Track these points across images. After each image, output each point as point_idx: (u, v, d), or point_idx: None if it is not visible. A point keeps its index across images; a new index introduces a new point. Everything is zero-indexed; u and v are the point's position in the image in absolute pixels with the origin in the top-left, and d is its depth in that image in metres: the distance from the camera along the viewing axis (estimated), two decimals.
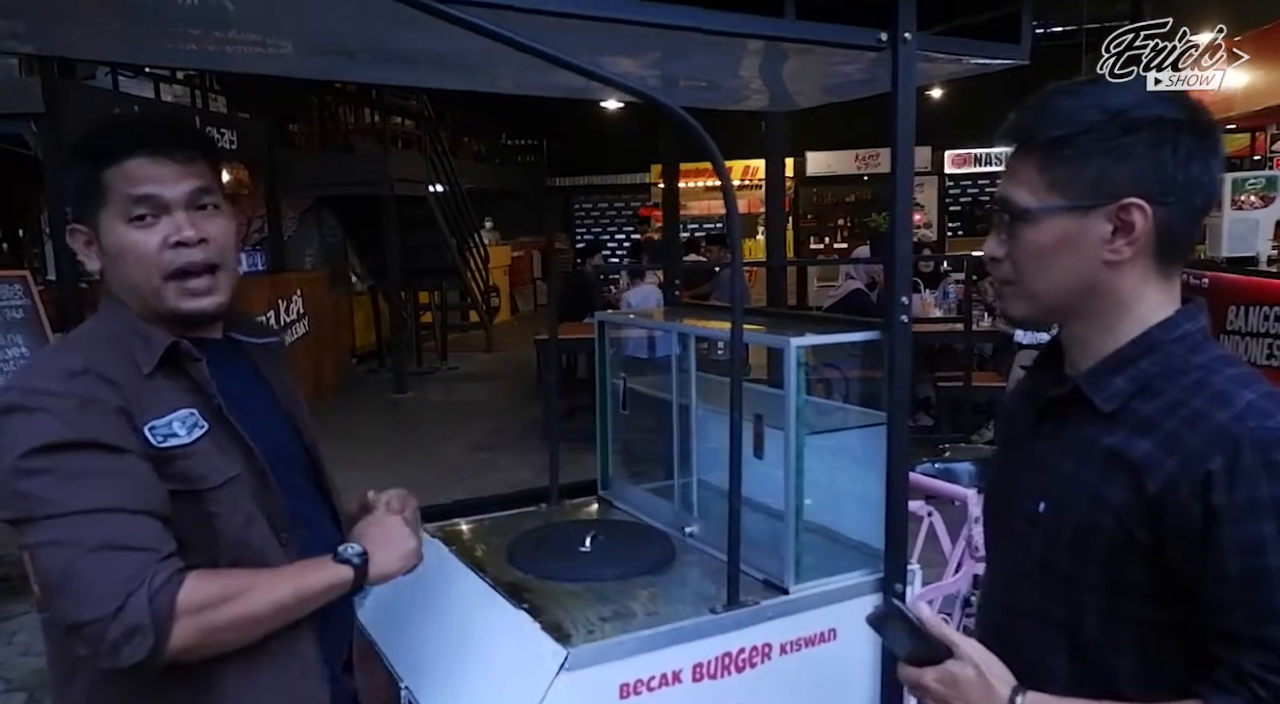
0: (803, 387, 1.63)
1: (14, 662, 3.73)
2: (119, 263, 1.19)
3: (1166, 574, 0.92)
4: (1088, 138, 0.95)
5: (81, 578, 1.02)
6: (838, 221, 16.14)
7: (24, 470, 1.04)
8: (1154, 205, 0.94)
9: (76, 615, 1.02)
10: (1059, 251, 0.98)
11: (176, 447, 1.14)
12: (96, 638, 1.01)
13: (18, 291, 5.19)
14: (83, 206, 1.19)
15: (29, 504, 1.04)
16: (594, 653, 1.41)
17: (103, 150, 1.18)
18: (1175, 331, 0.97)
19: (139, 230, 1.17)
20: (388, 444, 7.29)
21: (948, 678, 1.00)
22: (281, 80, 9.68)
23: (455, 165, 12.63)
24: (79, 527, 1.03)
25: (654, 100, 1.38)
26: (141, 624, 1.02)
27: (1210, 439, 0.89)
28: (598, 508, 2.24)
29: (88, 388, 1.10)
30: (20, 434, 1.06)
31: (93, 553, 1.02)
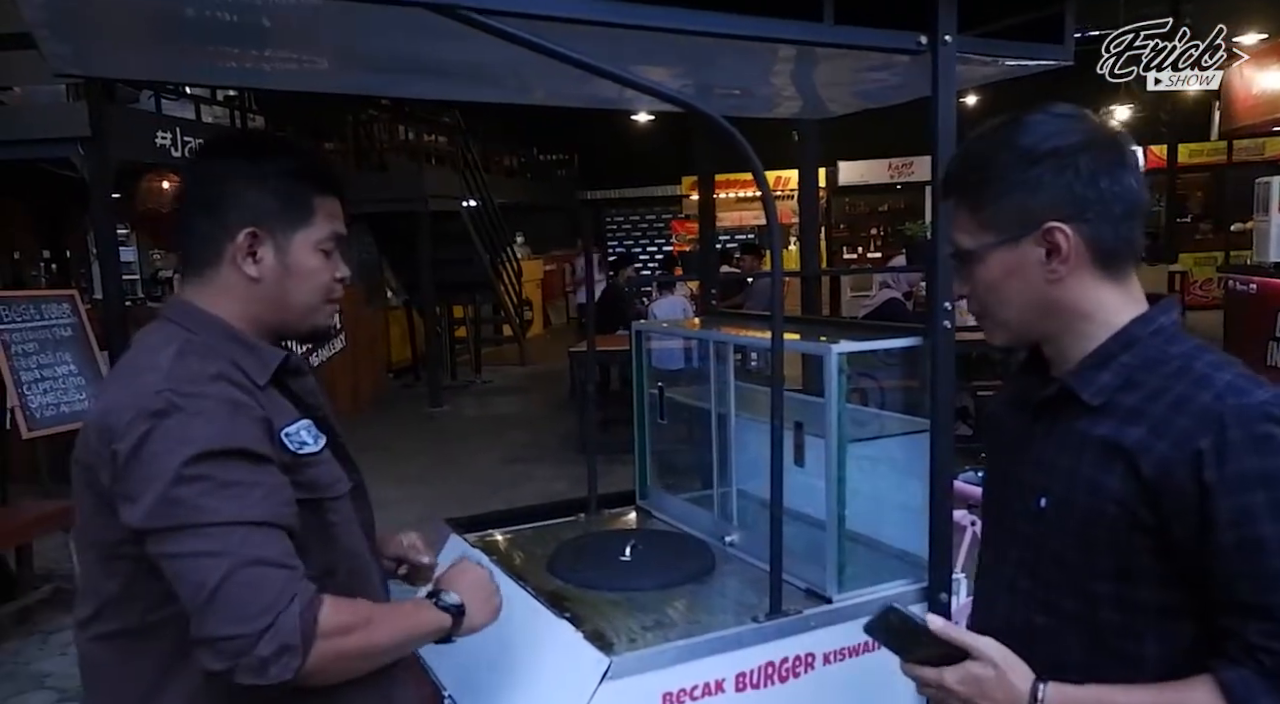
0: (844, 394, 1.61)
1: (67, 672, 3.80)
2: (296, 280, 1.24)
3: (1174, 555, 0.96)
4: (1000, 177, 1.05)
5: (235, 592, 1.01)
6: (871, 231, 16.04)
7: (184, 477, 1.03)
8: (1074, 224, 1.02)
9: (221, 630, 1.00)
10: (1007, 282, 1.07)
11: (310, 454, 1.17)
12: (240, 653, 1.00)
13: (66, 311, 5.33)
14: (277, 219, 1.22)
15: (184, 512, 1.02)
16: (637, 661, 1.40)
17: (323, 179, 1.27)
18: (1151, 326, 1.04)
19: (325, 259, 1.27)
20: (424, 457, 7.35)
21: (970, 679, 1.02)
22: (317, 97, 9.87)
23: (488, 180, 12.76)
24: (233, 538, 1.02)
25: (695, 108, 1.39)
26: (293, 644, 1.02)
27: (1197, 419, 0.94)
28: (636, 518, 2.24)
29: (232, 393, 1.11)
30: (180, 438, 1.04)
31: (247, 567, 1.01)
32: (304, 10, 1.33)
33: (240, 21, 1.34)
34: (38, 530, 4.39)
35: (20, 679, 3.76)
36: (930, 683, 1.06)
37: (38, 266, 9.39)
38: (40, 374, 4.95)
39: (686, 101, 1.44)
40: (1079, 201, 1.02)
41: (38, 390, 4.89)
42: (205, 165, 1.27)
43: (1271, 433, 0.92)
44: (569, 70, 1.25)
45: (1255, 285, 6.44)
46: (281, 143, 1.35)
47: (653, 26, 1.27)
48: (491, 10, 1.15)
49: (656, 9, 1.27)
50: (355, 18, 1.33)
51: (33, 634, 4.21)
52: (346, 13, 1.24)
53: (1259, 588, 0.90)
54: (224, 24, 1.35)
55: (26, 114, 6.54)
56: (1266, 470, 0.91)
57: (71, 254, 10.06)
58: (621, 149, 16.59)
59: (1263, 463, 0.91)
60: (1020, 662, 1.03)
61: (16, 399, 4.76)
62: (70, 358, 5.15)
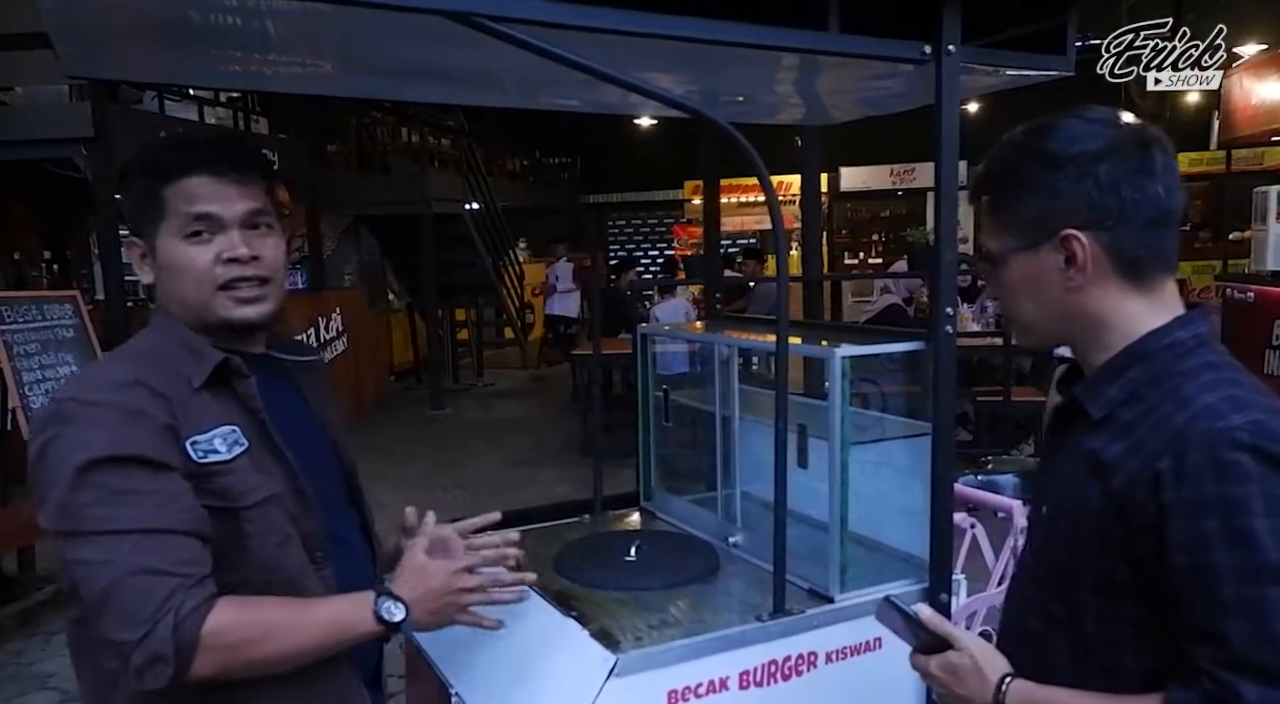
0: (848, 397, 1.63)
1: (70, 673, 3.78)
2: (172, 276, 1.22)
3: (1144, 573, 0.96)
4: (1022, 181, 1.05)
5: (119, 598, 1.04)
6: (872, 237, 16.05)
7: (77, 484, 1.06)
8: (1092, 232, 1.01)
9: (111, 634, 1.05)
10: (1028, 287, 1.07)
11: (216, 463, 1.15)
12: (125, 659, 1.05)
13: (68, 311, 5.34)
14: (141, 221, 1.22)
15: (77, 520, 1.06)
16: (642, 659, 1.42)
17: (165, 167, 1.21)
18: (1165, 339, 1.02)
19: (194, 246, 1.20)
20: (426, 460, 7.36)
21: (948, 666, 1.10)
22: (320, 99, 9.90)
23: (490, 183, 12.79)
24: (121, 547, 1.05)
25: (701, 114, 1.41)
26: (164, 653, 1.03)
27: (1166, 440, 0.93)
28: (640, 519, 2.26)
29: (136, 401, 1.11)
30: (76, 445, 1.08)
31: (132, 576, 1.05)
32: (309, 14, 1.35)
33: (244, 24, 1.36)
34: (39, 532, 4.39)
35: (23, 680, 3.77)
36: (920, 668, 1.14)
37: (39, 267, 9.40)
38: (42, 375, 4.96)
39: (693, 107, 1.46)
40: (1097, 209, 1.01)
41: (40, 391, 4.90)
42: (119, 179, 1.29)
43: (1236, 459, 0.89)
44: (573, 75, 1.27)
45: (1253, 294, 6.46)
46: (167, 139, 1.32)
47: (664, 35, 1.29)
48: (506, 18, 1.18)
49: (668, 18, 1.29)
50: (359, 22, 1.35)
51: (35, 635, 4.22)
52: (350, 16, 1.24)
53: (1208, 615, 0.89)
54: (228, 27, 1.36)
55: (29, 114, 6.57)
56: (1224, 498, 0.88)
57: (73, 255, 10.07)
58: (624, 153, 16.60)
59: (1220, 490, 0.88)
60: (998, 656, 1.09)
61: (18, 400, 4.77)
62: (72, 359, 5.16)
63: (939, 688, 1.12)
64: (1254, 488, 0.87)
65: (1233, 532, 0.87)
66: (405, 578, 1.25)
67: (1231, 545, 0.87)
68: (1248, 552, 0.87)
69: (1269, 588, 0.86)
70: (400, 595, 1.21)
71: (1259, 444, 0.88)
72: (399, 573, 1.27)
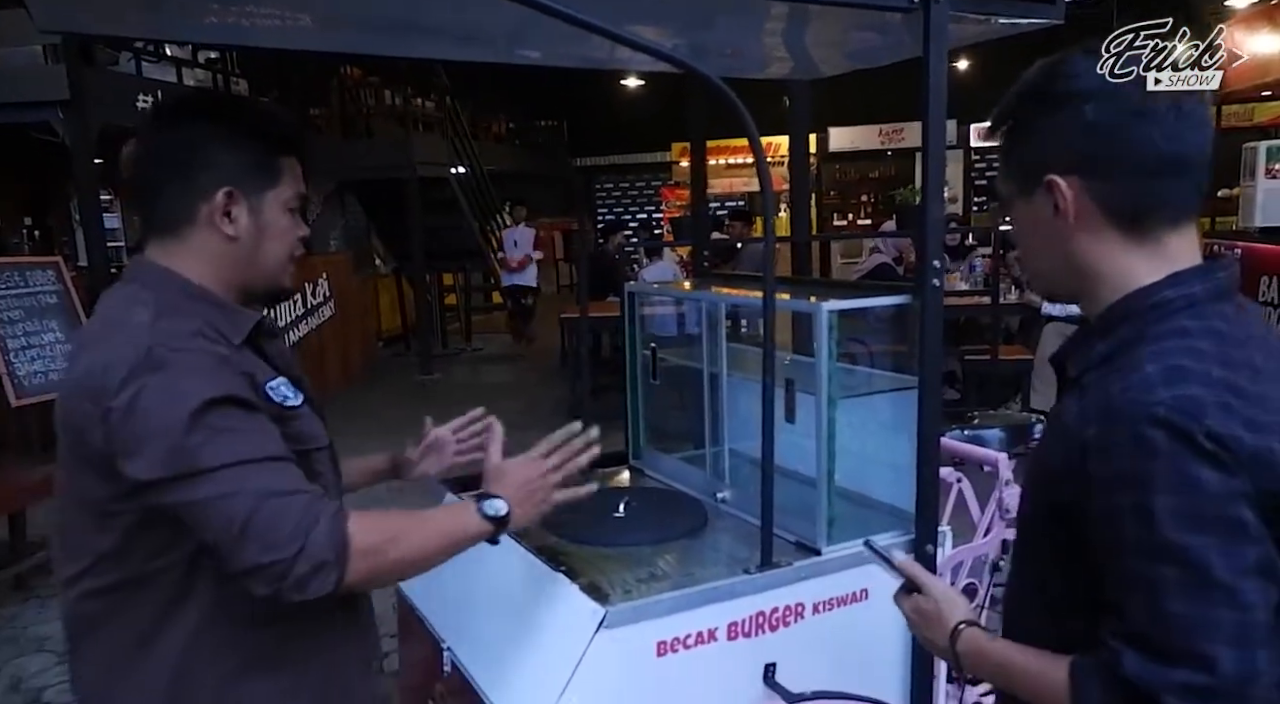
0: (834, 351, 1.64)
1: None
2: (266, 238, 1.25)
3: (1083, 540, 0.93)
4: (1014, 123, 1.01)
5: (260, 523, 1.05)
6: (861, 198, 16.02)
7: (187, 427, 1.06)
8: (1076, 178, 0.96)
9: (259, 558, 1.05)
10: (1029, 234, 1.04)
11: (291, 407, 1.21)
12: (281, 576, 1.06)
13: (50, 278, 5.28)
14: (248, 179, 1.23)
15: (194, 459, 1.06)
16: (631, 612, 1.44)
17: (286, 139, 1.28)
18: (1152, 298, 0.95)
19: (290, 218, 1.29)
20: (416, 425, 7.34)
21: (916, 608, 1.17)
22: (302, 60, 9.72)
23: (477, 147, 12.64)
24: (246, 476, 1.07)
25: (691, 67, 1.39)
26: (326, 559, 1.07)
27: (1098, 409, 0.91)
28: (629, 477, 2.27)
29: (215, 347, 1.15)
30: (176, 390, 1.08)
31: (267, 500, 1.07)
32: None
33: None
34: (30, 497, 4.40)
35: (19, 643, 3.80)
36: (900, 607, 1.20)
37: (20, 234, 9.27)
38: (27, 341, 4.92)
39: (682, 60, 1.44)
40: (1087, 154, 0.95)
41: (25, 358, 4.86)
42: (173, 127, 1.25)
43: (1150, 436, 0.85)
44: (560, 29, 1.25)
45: (1240, 250, 6.49)
46: (243, 102, 1.36)
47: None
48: None
49: None
50: None
51: (29, 599, 4.24)
52: None
53: (1113, 585, 0.89)
54: None
55: (2, 77, 6.42)
56: (1134, 472, 0.86)
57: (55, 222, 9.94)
58: (611, 116, 16.43)
59: (1132, 465, 0.86)
60: (961, 603, 1.13)
61: (4, 367, 4.74)
62: (56, 325, 5.11)
63: (911, 628, 1.19)
64: (1161, 464, 0.84)
65: (1137, 508, 0.85)
66: (493, 480, 1.33)
67: (1136, 521, 0.85)
68: (1148, 529, 0.84)
69: (1163, 566, 0.83)
70: (496, 494, 1.28)
71: (1174, 420, 0.84)
72: (485, 479, 1.35)
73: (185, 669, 1.15)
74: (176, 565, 1.14)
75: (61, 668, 3.55)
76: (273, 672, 1.20)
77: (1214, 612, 0.82)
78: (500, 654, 1.58)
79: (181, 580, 1.14)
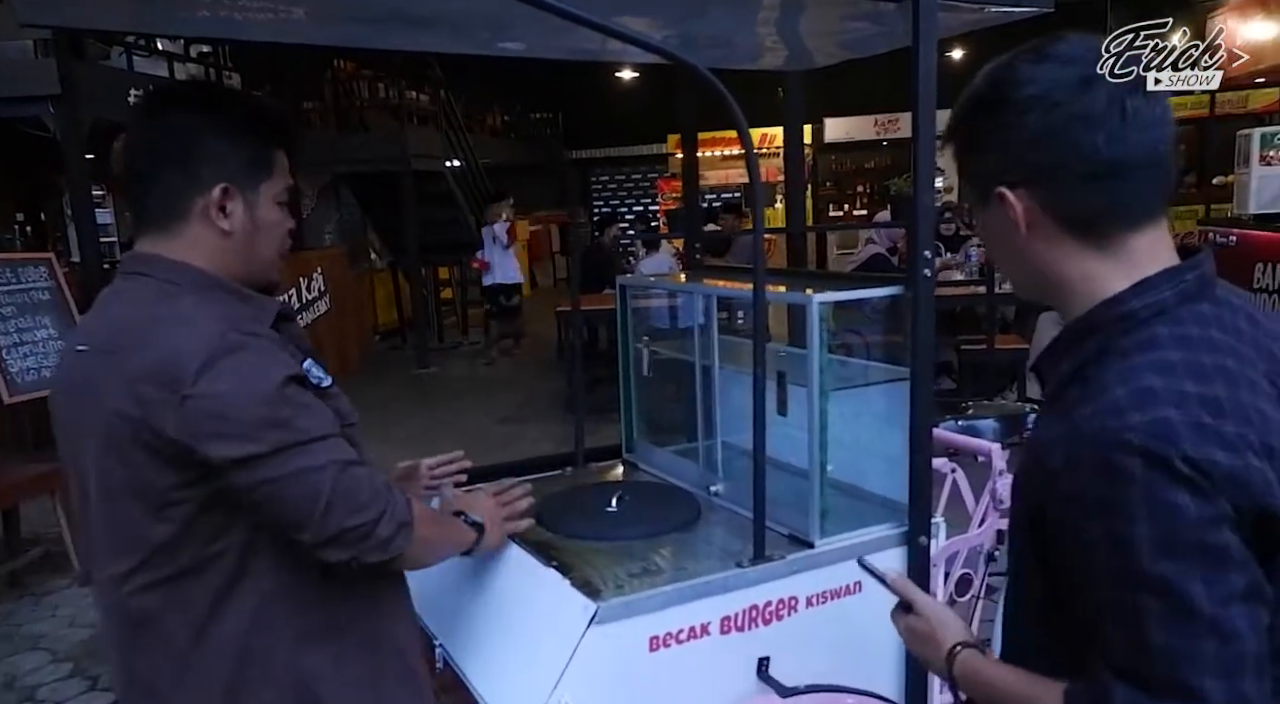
0: (826, 343, 1.63)
1: (59, 634, 3.83)
2: (261, 233, 1.26)
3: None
4: (968, 131, 0.98)
5: (346, 490, 1.15)
6: (857, 188, 15.98)
7: (274, 402, 1.11)
8: (1025, 188, 0.93)
9: (346, 522, 1.15)
10: (995, 244, 1.02)
11: (327, 388, 1.25)
12: (364, 537, 1.16)
13: (43, 273, 5.26)
14: (244, 171, 1.23)
15: (283, 434, 1.11)
16: (623, 607, 1.43)
17: (280, 131, 1.29)
18: (1118, 309, 0.91)
19: (282, 212, 1.29)
20: (413, 419, 7.36)
21: (908, 629, 1.15)
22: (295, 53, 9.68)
23: (471, 140, 12.60)
24: (329, 449, 1.15)
25: (678, 58, 1.38)
26: (406, 519, 1.21)
27: (1065, 433, 0.87)
28: (622, 470, 2.26)
29: (264, 332, 1.19)
30: (258, 369, 1.12)
31: (346, 469, 1.16)
32: None
33: None
34: (24, 494, 4.38)
35: (14, 641, 3.79)
36: (895, 623, 1.18)
37: (12, 230, 9.23)
38: (19, 338, 4.90)
39: (669, 51, 1.42)
40: (1025, 164, 0.92)
41: (18, 355, 4.84)
42: (165, 118, 1.23)
43: (1121, 463, 0.81)
44: (551, 21, 1.24)
45: (1235, 238, 6.48)
46: (234, 94, 1.37)
47: None
48: None
49: None
50: None
51: (24, 597, 4.23)
52: None
53: (1094, 613, 0.85)
54: None
55: None
56: (1105, 501, 0.82)
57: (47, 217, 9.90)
58: (606, 108, 16.37)
59: (1104, 493, 0.82)
60: (955, 623, 1.11)
61: None
62: (49, 322, 5.09)
63: (908, 645, 1.17)
64: (1136, 493, 0.81)
65: (1113, 537, 0.82)
66: (466, 507, 1.52)
67: (1112, 550, 0.82)
68: (1126, 559, 0.81)
69: (1142, 597, 0.81)
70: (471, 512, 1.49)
71: (1150, 447, 0.81)
72: (454, 507, 1.53)
73: (245, 653, 1.18)
74: (231, 550, 1.16)
75: (56, 665, 3.54)
76: (329, 643, 1.23)
77: (1199, 643, 0.79)
78: (492, 650, 1.58)
79: (236, 566, 1.17)
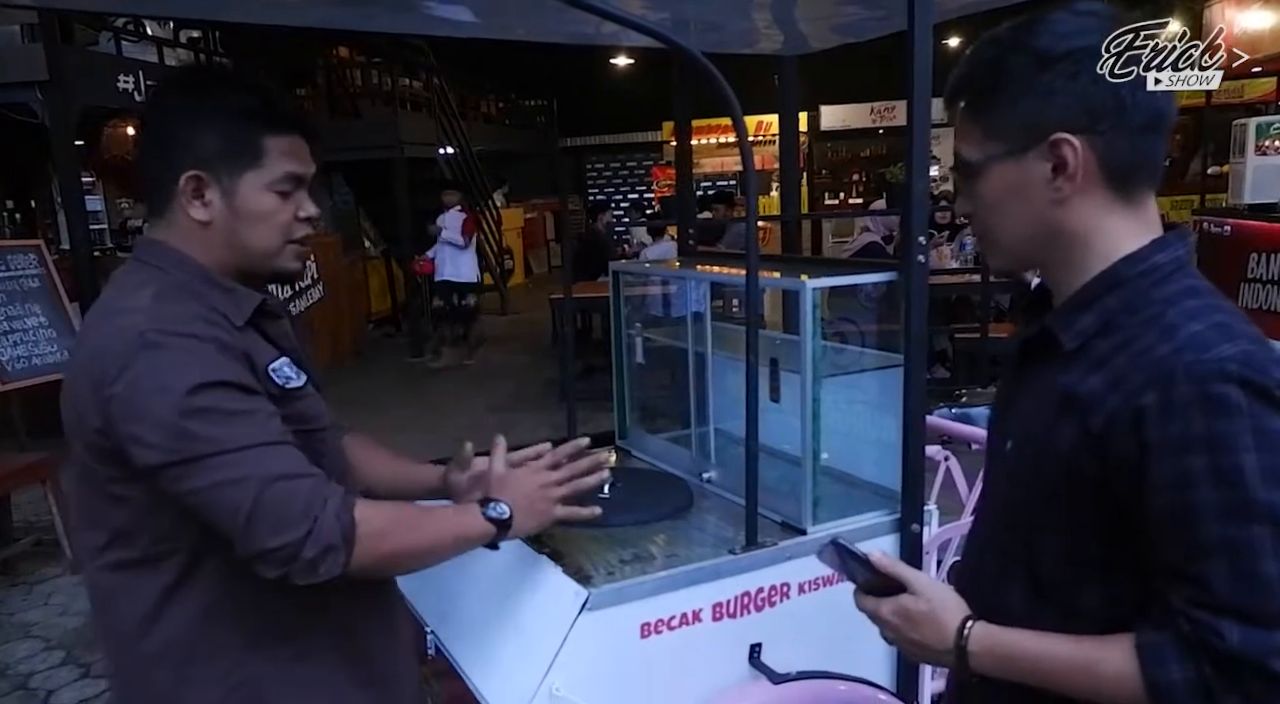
0: (819, 329, 1.62)
1: (51, 621, 3.82)
2: (249, 222, 1.21)
3: (1117, 513, 0.91)
4: (1010, 82, 0.96)
5: (268, 507, 1.05)
6: (853, 177, 15.97)
7: (187, 411, 1.05)
8: (1085, 137, 0.93)
9: (267, 542, 1.06)
10: (1008, 199, 0.99)
11: (294, 389, 1.20)
12: (290, 558, 1.06)
13: (33, 261, 5.21)
14: (222, 160, 1.19)
15: (197, 444, 1.05)
16: (615, 593, 1.43)
17: (274, 117, 1.22)
18: (1142, 264, 0.95)
19: (281, 200, 1.23)
20: (407, 407, 7.34)
21: (901, 611, 1.04)
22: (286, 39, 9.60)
23: (465, 127, 12.53)
24: (252, 461, 1.06)
25: (672, 41, 1.36)
26: (334, 542, 1.08)
27: (1149, 374, 0.87)
28: (615, 457, 2.25)
29: (213, 331, 1.12)
30: (174, 373, 1.06)
31: (273, 483, 1.06)
32: None
33: None
34: (15, 483, 4.36)
35: (5, 629, 3.78)
36: (868, 611, 1.08)
37: (1, 217, 9.16)
38: (9, 326, 4.87)
39: (663, 34, 1.41)
40: (1094, 111, 0.92)
41: (8, 343, 4.81)
42: (158, 104, 1.23)
43: (1223, 393, 0.83)
44: (545, 3, 1.22)
45: (1229, 227, 6.49)
46: (239, 80, 1.31)
47: None
48: None
49: None
50: None
51: (15, 585, 4.22)
52: None
53: (1188, 554, 0.85)
54: None
55: None
56: (1211, 433, 0.83)
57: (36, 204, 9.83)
58: (601, 95, 16.31)
59: (1208, 425, 0.83)
60: (956, 600, 1.04)
61: None
62: (40, 310, 5.06)
63: (890, 631, 1.07)
64: (1243, 422, 0.82)
65: (1219, 469, 0.83)
66: (496, 487, 1.35)
67: (1218, 483, 0.83)
68: (1235, 489, 0.82)
69: (1254, 527, 0.82)
70: (500, 499, 1.30)
71: (1248, 376, 0.83)
72: (489, 486, 1.36)
73: (191, 651, 1.16)
74: (182, 549, 1.14)
75: (49, 654, 3.54)
76: (280, 646, 1.20)
77: None
78: (484, 637, 1.57)
79: (186, 565, 1.14)
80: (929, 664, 1.10)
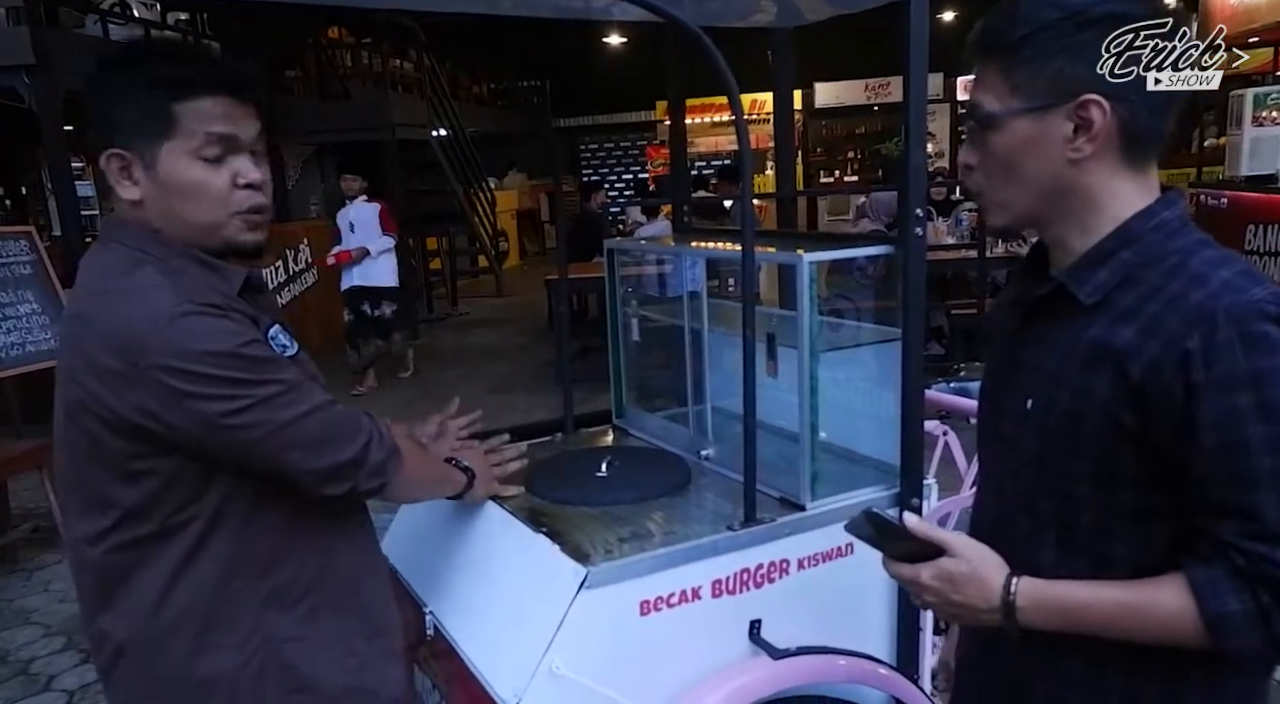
0: (816, 304, 1.60)
1: (51, 608, 3.83)
2: (179, 196, 1.16)
3: (1156, 460, 0.94)
4: (1045, 37, 0.97)
5: (328, 431, 1.19)
6: (848, 155, 15.88)
7: (245, 360, 1.12)
8: (1113, 101, 0.96)
9: (334, 458, 1.19)
10: (1023, 155, 1.00)
11: (291, 356, 1.25)
12: (357, 466, 1.21)
13: (24, 247, 5.17)
14: (135, 134, 1.15)
15: (263, 387, 1.13)
16: (613, 571, 1.42)
17: (180, 82, 1.15)
18: (1153, 220, 0.99)
19: (210, 167, 1.17)
20: (403, 390, 7.33)
21: (943, 574, 1.03)
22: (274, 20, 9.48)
23: (458, 108, 12.42)
24: (305, 395, 1.18)
25: (665, 12, 1.33)
26: (392, 448, 1.26)
27: (1188, 319, 0.91)
28: (612, 436, 2.25)
29: (229, 302, 1.17)
30: (216, 335, 1.11)
31: (329, 407, 1.20)
32: None
33: None
34: (12, 470, 4.35)
35: (5, 616, 3.78)
36: (906, 579, 1.07)
37: None
38: (2, 313, 4.83)
39: (656, 5, 1.38)
40: (1125, 77, 0.95)
41: (1, 330, 4.78)
42: (85, 85, 1.19)
43: (1265, 331, 0.88)
44: None
45: (1226, 199, 6.48)
46: (169, 50, 1.28)
47: None
48: None
49: None
50: None
51: (14, 572, 4.22)
52: None
53: (1238, 488, 0.88)
54: None
55: None
56: (1256, 370, 0.88)
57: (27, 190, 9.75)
58: (595, 75, 16.16)
59: (1252, 363, 0.88)
60: (996, 558, 1.03)
61: None
62: (32, 296, 5.02)
63: (930, 596, 1.05)
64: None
65: (1265, 404, 0.87)
66: (457, 453, 1.62)
67: (1264, 418, 0.87)
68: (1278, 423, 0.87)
69: None
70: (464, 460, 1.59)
71: None
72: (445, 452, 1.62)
73: (210, 615, 1.18)
74: (200, 517, 1.16)
75: (49, 640, 3.54)
76: (295, 604, 1.23)
77: None
78: (483, 617, 1.57)
79: (203, 531, 1.16)
80: (969, 625, 1.10)
